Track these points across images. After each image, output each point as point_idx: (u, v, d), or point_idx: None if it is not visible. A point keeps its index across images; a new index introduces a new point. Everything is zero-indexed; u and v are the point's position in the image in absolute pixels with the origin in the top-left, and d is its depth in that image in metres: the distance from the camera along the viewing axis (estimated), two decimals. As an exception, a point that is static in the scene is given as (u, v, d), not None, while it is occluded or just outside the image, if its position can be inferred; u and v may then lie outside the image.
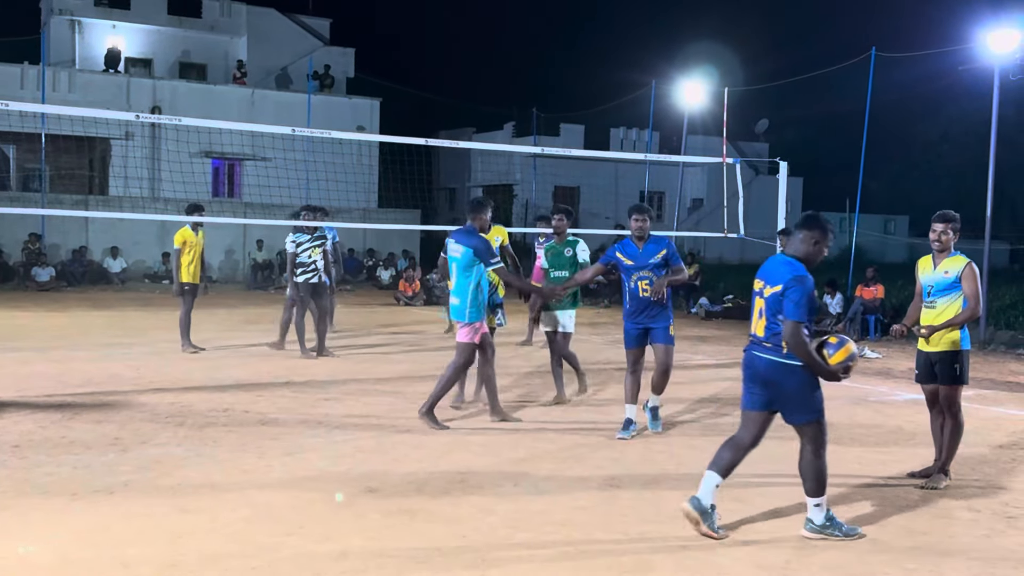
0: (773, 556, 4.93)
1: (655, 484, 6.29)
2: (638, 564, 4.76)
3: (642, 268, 7.86)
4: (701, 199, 34.83)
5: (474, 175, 35.22)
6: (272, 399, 8.88)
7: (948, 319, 6.27)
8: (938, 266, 6.33)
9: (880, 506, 5.93)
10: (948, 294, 6.27)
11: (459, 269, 7.82)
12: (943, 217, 6.34)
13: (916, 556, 5.03)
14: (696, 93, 19.71)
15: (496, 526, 5.29)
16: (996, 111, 14.82)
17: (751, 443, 5.37)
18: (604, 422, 8.30)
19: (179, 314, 12.06)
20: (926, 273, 6.41)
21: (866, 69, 17.65)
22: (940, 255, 6.35)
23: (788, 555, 4.95)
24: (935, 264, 6.36)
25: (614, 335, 15.46)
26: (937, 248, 6.33)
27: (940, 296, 6.30)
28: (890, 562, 4.90)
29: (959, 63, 17.68)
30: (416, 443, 7.27)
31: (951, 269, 6.26)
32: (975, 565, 4.89)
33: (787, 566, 4.80)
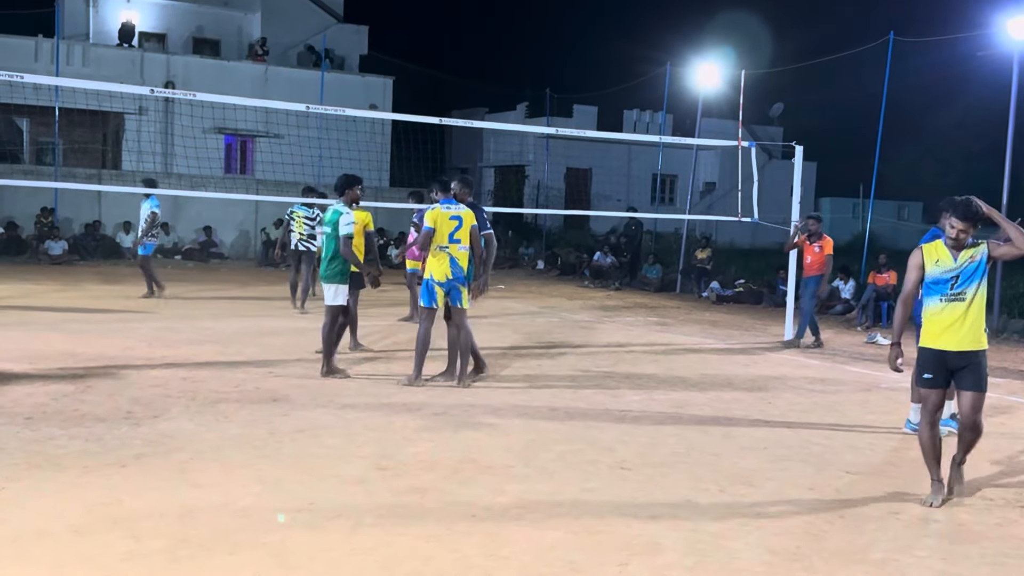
0: (783, 541, 4.91)
1: (665, 467, 6.28)
2: (648, 546, 4.76)
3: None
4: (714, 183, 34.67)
5: (486, 155, 35.12)
6: (283, 376, 8.90)
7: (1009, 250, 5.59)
8: (960, 255, 5.60)
9: (893, 492, 5.90)
10: (977, 279, 5.56)
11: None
12: (969, 215, 5.53)
13: (927, 543, 5.02)
14: (711, 75, 19.56)
15: (507, 506, 5.30)
16: (1015, 98, 14.67)
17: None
18: (615, 404, 8.30)
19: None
20: (944, 264, 5.62)
21: (883, 54, 17.49)
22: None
23: (798, 540, 4.94)
24: (954, 255, 5.62)
25: (625, 318, 15.45)
26: (952, 245, 5.62)
27: (969, 284, 5.57)
28: (902, 549, 4.88)
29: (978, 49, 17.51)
30: (426, 423, 7.27)
31: (975, 253, 5.59)
32: (988, 554, 4.87)
33: (798, 551, 4.78)
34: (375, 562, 4.42)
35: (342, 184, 9.13)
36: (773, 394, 9.15)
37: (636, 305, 17.80)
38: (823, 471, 6.36)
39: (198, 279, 19.02)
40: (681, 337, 13.35)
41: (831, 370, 10.90)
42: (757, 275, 20.34)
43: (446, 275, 8.57)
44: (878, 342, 13.45)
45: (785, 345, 12.69)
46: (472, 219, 8.73)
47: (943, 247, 5.66)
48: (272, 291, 16.63)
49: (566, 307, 16.82)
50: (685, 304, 18.42)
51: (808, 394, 9.24)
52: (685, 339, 13.16)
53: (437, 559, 4.49)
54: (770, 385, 9.66)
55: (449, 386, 8.71)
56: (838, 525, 5.22)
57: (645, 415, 7.91)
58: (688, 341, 12.98)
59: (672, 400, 8.62)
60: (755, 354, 11.99)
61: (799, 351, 12.34)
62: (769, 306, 17.79)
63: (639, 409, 8.15)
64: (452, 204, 8.69)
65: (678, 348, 12.24)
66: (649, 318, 15.62)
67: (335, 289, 8.96)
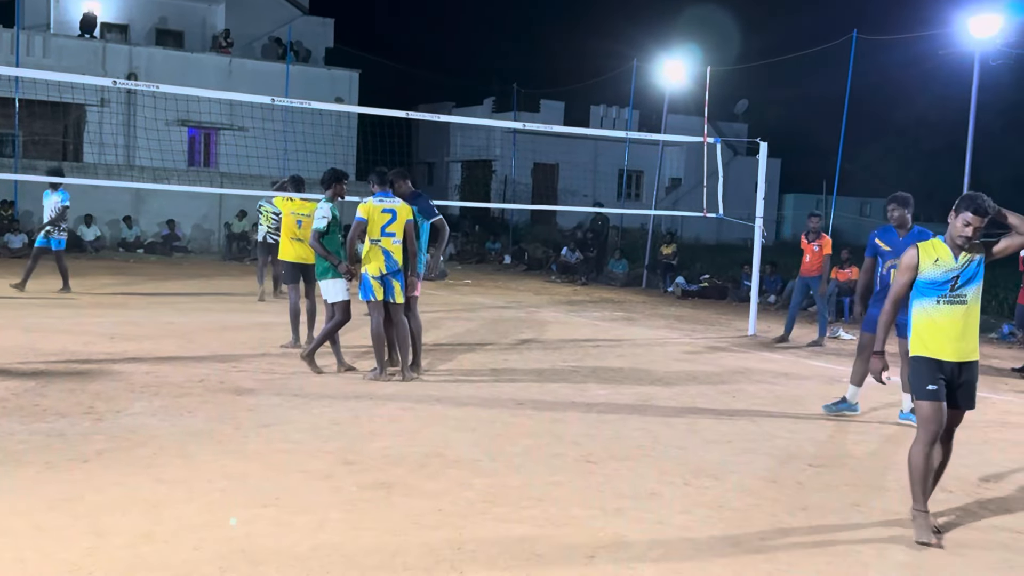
0: (747, 533, 4.97)
1: (631, 460, 6.32)
2: (614, 539, 4.79)
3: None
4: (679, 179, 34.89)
5: (453, 150, 35.07)
6: (248, 371, 8.84)
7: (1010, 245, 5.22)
8: (961, 254, 5.14)
9: (854, 484, 5.99)
10: (977, 281, 5.17)
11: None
12: (983, 209, 5.06)
13: (879, 532, 5.09)
14: (677, 72, 19.68)
15: (473, 500, 5.30)
16: (975, 96, 14.91)
17: None
18: (581, 398, 8.33)
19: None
20: (944, 264, 5.14)
21: (847, 51, 17.69)
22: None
23: (762, 532, 5.00)
24: (955, 254, 5.15)
25: (592, 313, 15.52)
26: (963, 244, 5.12)
27: (970, 285, 5.14)
28: (864, 540, 4.96)
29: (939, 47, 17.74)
30: (393, 417, 7.26)
31: (974, 253, 5.16)
32: (948, 545, 4.94)
33: (761, 542, 4.84)
34: (341, 557, 4.41)
35: (329, 178, 8.98)
36: (737, 388, 9.24)
37: (602, 300, 17.87)
38: (786, 464, 6.44)
39: (161, 273, 18.82)
40: (647, 331, 13.43)
41: (794, 364, 11.02)
42: (722, 270, 20.51)
43: (380, 269, 8.55)
44: (840, 336, 13.62)
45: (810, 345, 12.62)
46: (407, 213, 8.68)
47: (943, 245, 5.17)
48: (236, 285, 16.50)
49: (533, 302, 16.85)
50: (651, 299, 18.53)
51: (771, 388, 9.34)
52: (651, 333, 13.25)
53: (404, 553, 4.49)
54: (734, 379, 9.75)
55: (413, 380, 8.70)
56: (801, 517, 5.29)
57: (611, 409, 7.96)
58: (654, 335, 13.07)
59: (637, 394, 8.68)
60: (720, 348, 12.09)
61: (764, 346, 12.47)
62: (734, 301, 17.93)
63: (605, 403, 8.19)
64: (387, 197, 8.66)
65: (644, 342, 12.31)
66: (615, 313, 15.70)
67: (334, 285, 8.90)
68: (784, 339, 12.80)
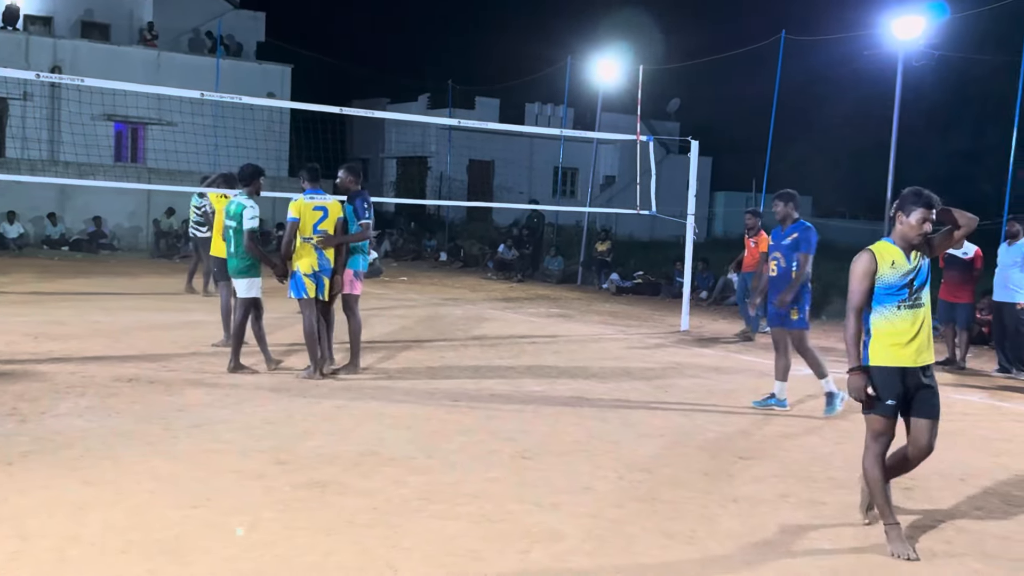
0: (679, 525, 5.04)
1: (566, 455, 6.37)
2: (549, 534, 4.82)
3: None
4: (614, 176, 35.16)
5: (388, 146, 34.84)
6: (178, 370, 8.68)
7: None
8: (912, 254, 4.88)
9: (783, 475, 6.11)
10: (928, 280, 4.95)
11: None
12: (934, 203, 4.84)
13: (816, 525, 5.21)
14: (611, 70, 19.83)
15: (408, 498, 5.29)
16: (899, 96, 15.31)
17: None
18: (517, 394, 8.36)
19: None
20: (900, 266, 4.86)
21: (776, 51, 18.02)
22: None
23: (694, 524, 5.08)
24: (907, 255, 4.89)
25: (527, 309, 15.57)
26: (918, 242, 4.88)
27: (925, 287, 4.91)
28: (792, 531, 5.07)
29: (865, 48, 18.18)
30: (327, 415, 7.20)
31: (921, 252, 4.93)
32: (873, 534, 5.07)
33: (693, 534, 4.92)
34: (274, 557, 4.37)
35: (248, 175, 8.88)
36: (670, 382, 9.36)
37: (538, 297, 17.95)
38: (717, 456, 6.55)
39: (87, 271, 18.34)
40: (582, 328, 13.53)
41: (724, 359, 11.21)
42: (655, 267, 20.73)
43: (312, 267, 8.49)
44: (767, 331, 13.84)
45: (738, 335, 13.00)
46: (339, 211, 8.63)
47: (894, 247, 4.87)
48: (165, 283, 16.18)
49: (469, 299, 16.85)
50: (586, 295, 18.66)
51: (703, 382, 9.48)
52: (586, 330, 13.34)
53: (338, 552, 4.46)
54: (667, 374, 9.88)
55: (352, 379, 8.65)
56: (731, 509, 5.39)
57: (546, 405, 8.00)
58: (589, 332, 13.16)
59: (573, 390, 8.74)
60: (653, 344, 12.23)
61: (696, 341, 12.65)
62: (667, 297, 18.14)
63: (541, 399, 8.23)
64: (317, 194, 8.63)
65: (579, 339, 12.40)
66: (551, 309, 15.77)
67: (248, 283, 8.74)
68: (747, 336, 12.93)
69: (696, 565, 4.52)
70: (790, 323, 8.05)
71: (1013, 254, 10.78)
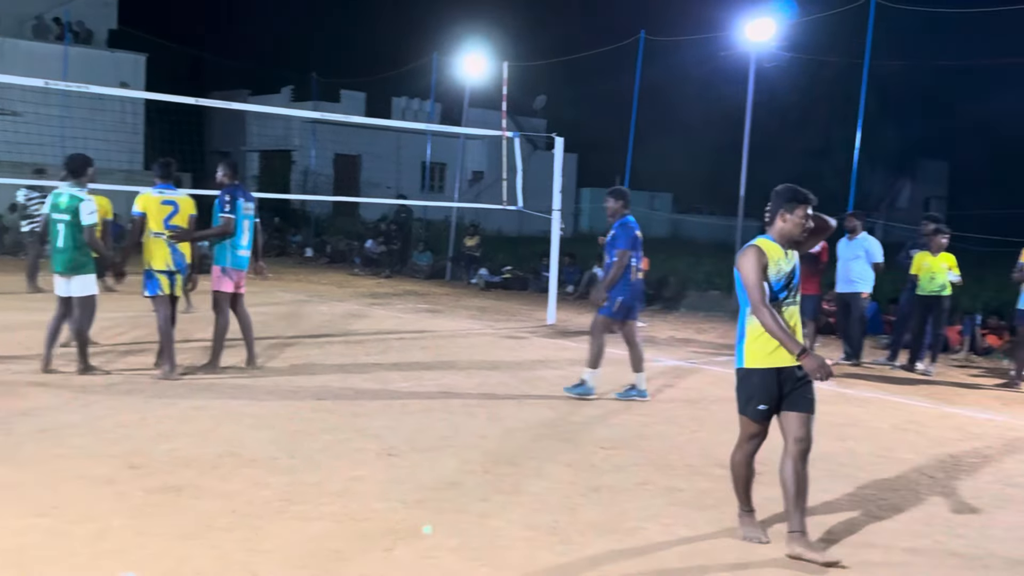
0: (542, 516, 5.10)
1: (433, 451, 6.36)
2: (414, 531, 4.80)
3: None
4: (482, 171, 35.28)
5: (249, 139, 33.92)
6: (22, 372, 8.22)
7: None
8: (789, 252, 4.83)
9: (643, 464, 6.26)
10: (799, 277, 4.90)
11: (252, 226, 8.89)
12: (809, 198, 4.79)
13: (673, 511, 5.36)
14: (477, 66, 19.88)
15: (269, 499, 5.17)
16: (751, 96, 15.91)
17: None
18: (384, 391, 8.29)
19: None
20: (781, 264, 4.76)
21: (636, 51, 18.44)
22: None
23: (556, 515, 5.15)
24: (786, 252, 4.81)
25: (396, 305, 15.46)
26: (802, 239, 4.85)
27: (798, 284, 4.86)
28: (650, 518, 5.20)
29: (720, 49, 18.81)
30: (183, 416, 6.96)
31: (792, 250, 4.88)
32: (727, 519, 5.25)
33: (555, 525, 4.99)
34: (125, 565, 4.19)
35: (78, 165, 8.40)
36: (537, 375, 9.48)
37: (406, 292, 17.85)
38: (580, 447, 6.66)
39: (-78, 270, 17.17)
40: (450, 323, 13.53)
41: (590, 352, 11.40)
42: (523, 262, 20.93)
43: (167, 263, 8.24)
44: (636, 324, 14.18)
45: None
46: (191, 207, 8.44)
47: (776, 245, 4.78)
48: (8, 281, 15.29)
49: (336, 295, 16.61)
50: (455, 291, 18.67)
51: (569, 375, 9.60)
52: (454, 325, 13.36)
53: (195, 558, 4.32)
54: (534, 367, 9.99)
55: (212, 378, 8.39)
56: (593, 498, 5.49)
57: (414, 401, 7.97)
58: (457, 327, 13.18)
59: (441, 385, 8.73)
60: (520, 338, 12.35)
61: (562, 334, 12.84)
62: (534, 292, 18.35)
63: (408, 395, 8.19)
64: (168, 189, 8.42)
65: (447, 334, 12.40)
66: (419, 305, 15.72)
67: (84, 280, 8.32)
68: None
69: (557, 555, 4.58)
70: (602, 308, 8.26)
71: (854, 248, 11.38)
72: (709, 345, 12.60)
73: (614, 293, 8.19)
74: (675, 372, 10.31)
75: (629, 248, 8.15)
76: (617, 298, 8.19)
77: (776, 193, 4.81)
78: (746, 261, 4.72)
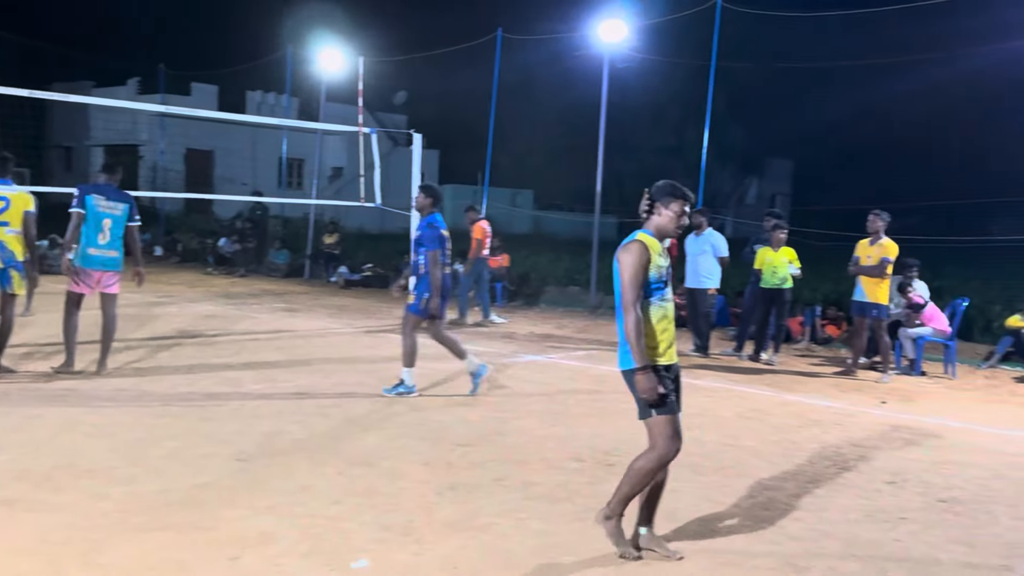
0: (397, 517, 5.06)
1: (285, 455, 6.22)
2: (262, 537, 4.68)
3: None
4: (342, 168, 34.80)
5: (94, 133, 32.41)
6: None
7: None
8: (663, 249, 4.74)
9: (499, 460, 6.30)
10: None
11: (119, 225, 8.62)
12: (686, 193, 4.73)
13: (528, 505, 5.40)
14: (333, 60, 19.55)
15: (109, 511, 4.94)
16: (605, 95, 16.25)
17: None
18: (235, 394, 8.06)
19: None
20: (661, 261, 4.66)
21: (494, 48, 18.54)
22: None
23: (411, 514, 5.12)
24: (663, 249, 4.73)
25: (251, 305, 15.06)
26: (676, 234, 4.80)
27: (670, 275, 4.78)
28: (504, 513, 5.23)
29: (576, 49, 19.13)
30: (17, 426, 6.58)
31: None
32: (579, 511, 5.34)
33: (409, 525, 4.96)
34: (-54, 589, 3.93)
35: None
36: (395, 375, 9.35)
37: (263, 292, 17.42)
38: (437, 445, 6.64)
39: None
40: (307, 322, 13.28)
41: (450, 349, 11.40)
42: (385, 259, 20.73)
43: None
44: (493, 320, 14.28)
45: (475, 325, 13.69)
46: (25, 203, 8.23)
47: (655, 240, 4.66)
48: None
49: (187, 295, 16.04)
50: (313, 289, 18.34)
51: (429, 373, 9.57)
52: (312, 324, 13.11)
53: (29, 574, 4.09)
54: (393, 366, 9.88)
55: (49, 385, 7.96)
56: (448, 496, 5.49)
57: (267, 403, 7.77)
58: (315, 326, 12.95)
59: (296, 386, 8.55)
60: (380, 336, 12.22)
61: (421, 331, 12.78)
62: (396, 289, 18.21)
63: (261, 397, 7.99)
64: (3, 184, 8.22)
65: (304, 334, 12.16)
66: (275, 304, 15.37)
67: None
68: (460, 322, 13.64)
69: (410, 555, 4.56)
70: (410, 305, 8.31)
71: (701, 244, 11.79)
72: (568, 340, 12.80)
73: (421, 290, 8.23)
74: (534, 367, 10.43)
75: (438, 248, 8.18)
76: (424, 295, 8.23)
77: (656, 188, 4.73)
78: (630, 257, 4.54)
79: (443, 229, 8.33)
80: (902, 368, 11.08)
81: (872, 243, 10.55)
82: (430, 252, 8.15)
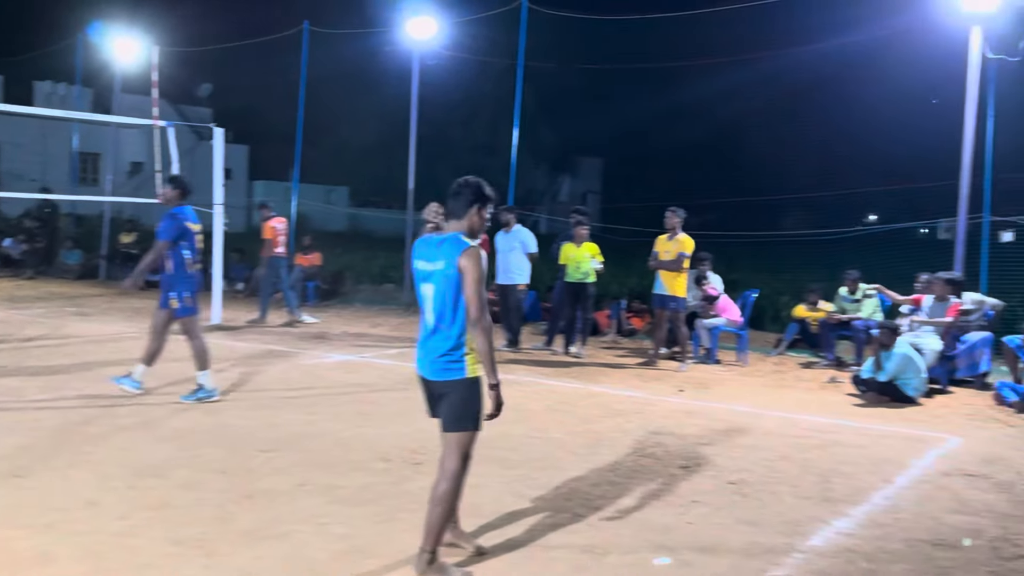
0: (189, 530, 4.83)
1: (70, 468, 5.83)
2: (38, 558, 4.36)
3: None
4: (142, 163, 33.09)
5: None
6: None
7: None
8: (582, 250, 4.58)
9: (302, 464, 6.13)
10: None
11: None
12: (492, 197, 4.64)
13: (332, 510, 5.28)
14: (128, 50, 18.52)
15: None
16: (416, 92, 16.20)
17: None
18: (15, 404, 7.48)
19: None
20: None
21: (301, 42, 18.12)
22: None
23: (205, 526, 4.90)
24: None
25: (37, 309, 14.08)
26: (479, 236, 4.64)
27: None
28: (306, 519, 5.08)
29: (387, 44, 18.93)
30: None
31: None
32: (383, 512, 5.27)
33: (203, 537, 4.74)
34: None
35: None
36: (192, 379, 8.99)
37: (52, 295, 16.32)
38: (237, 452, 6.40)
39: None
40: (101, 327, 12.53)
41: (258, 349, 11.06)
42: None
43: None
44: (304, 320, 13.95)
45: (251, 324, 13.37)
46: None
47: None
48: None
49: (-35, 300, 14.82)
50: (109, 291, 17.34)
51: (230, 375, 9.26)
52: (105, 328, 12.38)
53: None
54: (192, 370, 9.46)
55: None
56: (246, 505, 5.29)
57: (52, 413, 7.28)
58: (109, 331, 12.23)
59: (85, 395, 8.04)
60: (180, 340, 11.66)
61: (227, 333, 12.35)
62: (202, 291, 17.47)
63: (45, 407, 7.47)
64: None
65: (97, 338, 11.47)
66: (66, 308, 14.43)
67: None
68: (261, 321, 13.46)
69: (201, 569, 4.35)
70: (175, 311, 8.06)
71: (510, 240, 11.95)
72: (382, 339, 12.67)
73: (180, 290, 7.97)
74: (346, 367, 10.26)
75: (172, 239, 7.92)
76: (184, 294, 8.00)
77: (475, 190, 4.51)
78: (476, 266, 4.31)
79: (190, 222, 8.03)
80: (699, 357, 11.62)
81: (670, 238, 11.01)
82: (159, 242, 7.83)
